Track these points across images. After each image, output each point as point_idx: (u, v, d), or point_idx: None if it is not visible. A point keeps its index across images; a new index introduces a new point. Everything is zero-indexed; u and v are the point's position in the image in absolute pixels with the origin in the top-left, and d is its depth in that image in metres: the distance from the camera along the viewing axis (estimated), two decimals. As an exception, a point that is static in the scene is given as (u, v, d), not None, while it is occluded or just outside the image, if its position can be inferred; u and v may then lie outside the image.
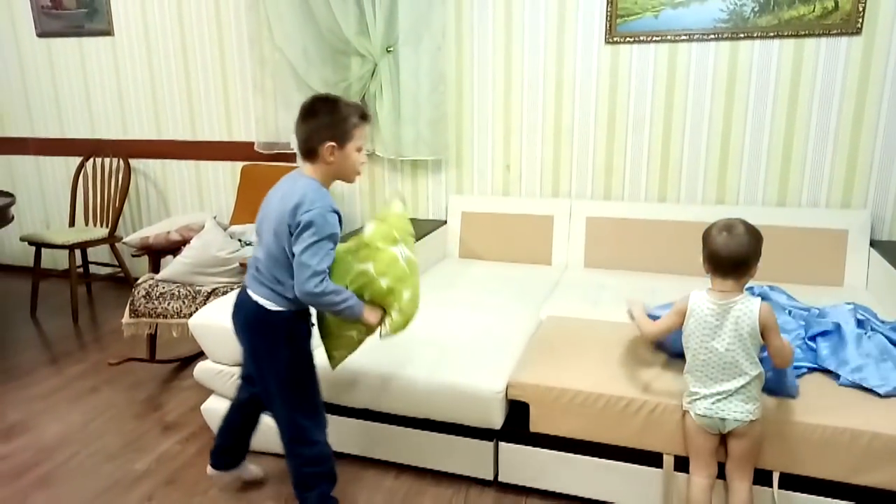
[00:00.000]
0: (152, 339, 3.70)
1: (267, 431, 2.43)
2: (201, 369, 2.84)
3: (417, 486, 2.54)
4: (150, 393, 3.42)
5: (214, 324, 2.76)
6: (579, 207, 3.86)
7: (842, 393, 2.24)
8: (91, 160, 4.92)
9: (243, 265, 3.48)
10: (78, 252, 4.69)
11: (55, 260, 5.26)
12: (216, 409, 2.84)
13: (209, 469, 2.47)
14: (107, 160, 4.86)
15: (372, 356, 2.53)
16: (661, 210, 3.72)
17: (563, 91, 3.85)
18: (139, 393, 3.41)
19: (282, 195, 2.04)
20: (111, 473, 2.69)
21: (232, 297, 2.29)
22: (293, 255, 1.97)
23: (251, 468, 2.55)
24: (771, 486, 2.14)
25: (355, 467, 2.65)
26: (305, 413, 2.16)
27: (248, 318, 2.14)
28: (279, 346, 2.10)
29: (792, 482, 2.15)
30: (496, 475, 2.51)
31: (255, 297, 2.10)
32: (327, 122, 2.02)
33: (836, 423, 2.08)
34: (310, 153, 2.05)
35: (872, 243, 3.43)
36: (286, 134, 4.42)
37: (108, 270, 5.17)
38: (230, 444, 2.45)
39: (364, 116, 2.08)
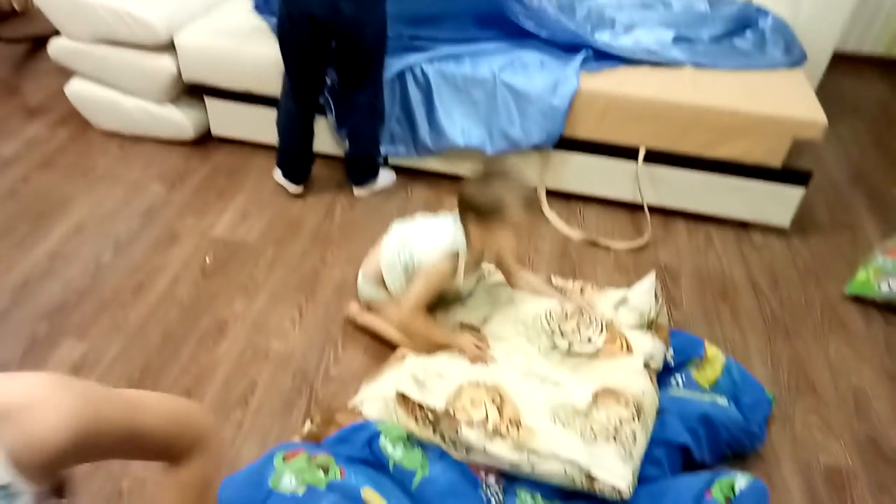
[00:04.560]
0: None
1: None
2: (58, 48, 2.53)
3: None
4: (4, 75, 3.07)
5: (59, -9, 2.39)
6: None
7: (707, 76, 2.36)
8: None
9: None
10: None
11: None
12: (80, 92, 2.63)
13: (292, 187, 2.43)
14: None
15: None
16: None
17: None
18: (-9, 76, 3.07)
19: None
20: (-24, 158, 2.54)
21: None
22: None
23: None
24: (636, 160, 2.34)
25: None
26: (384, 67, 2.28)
27: None
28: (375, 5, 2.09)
29: (655, 157, 2.35)
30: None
31: None
32: None
33: (703, 102, 2.22)
34: None
35: None
36: None
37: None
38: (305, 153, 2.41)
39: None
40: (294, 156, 2.38)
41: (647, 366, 1.60)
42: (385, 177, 2.50)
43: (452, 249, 1.67)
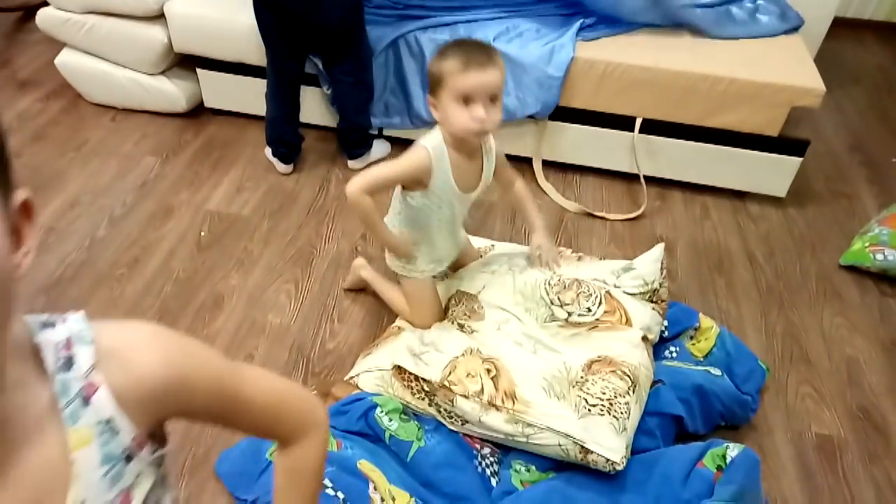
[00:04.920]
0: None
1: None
2: (45, 17, 2.49)
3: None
4: (-8, 47, 3.03)
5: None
6: None
7: (704, 44, 2.33)
8: None
9: None
10: None
11: None
12: (72, 62, 2.58)
13: (281, 167, 2.39)
14: None
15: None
16: None
17: None
18: (-21, 47, 3.02)
19: None
20: (-32, 132, 2.51)
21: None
22: None
23: None
24: (633, 131, 2.32)
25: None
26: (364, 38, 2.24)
27: None
28: None
29: (651, 128, 2.33)
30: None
31: None
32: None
33: (700, 70, 2.19)
34: None
35: None
36: None
37: None
38: (292, 130, 2.37)
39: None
40: (281, 131, 2.35)
41: (644, 339, 1.61)
42: (379, 148, 2.48)
43: (424, 139, 1.52)
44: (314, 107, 2.50)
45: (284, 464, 0.79)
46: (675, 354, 1.72)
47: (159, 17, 2.42)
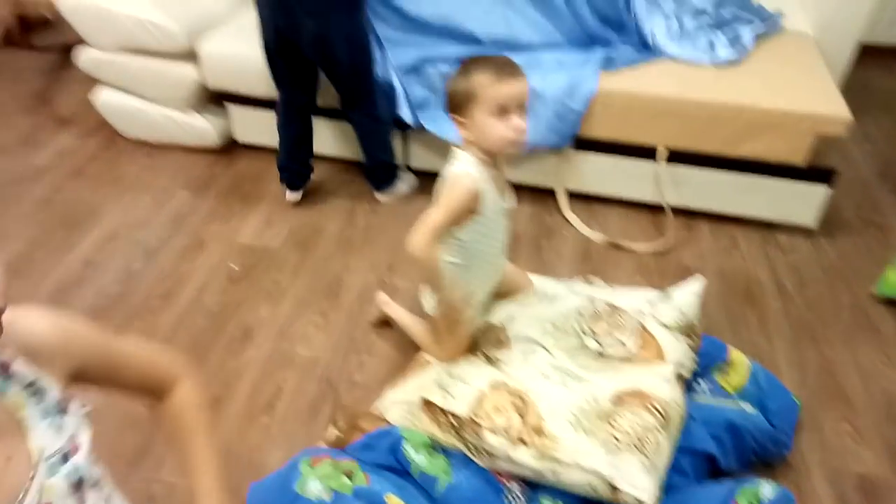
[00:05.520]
0: (23, 23, 3.27)
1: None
2: (84, 57, 2.59)
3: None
4: (35, 86, 3.15)
5: (89, 3, 2.44)
6: None
7: (727, 73, 2.33)
8: None
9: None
10: None
11: None
12: (110, 101, 2.68)
13: (288, 194, 2.44)
14: None
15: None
16: None
17: None
18: (23, 86, 3.14)
19: None
20: (10, 169, 2.61)
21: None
22: None
23: None
24: (657, 160, 2.32)
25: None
26: (374, 78, 2.25)
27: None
28: (361, 11, 2.07)
29: (676, 157, 2.33)
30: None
31: None
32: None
33: (723, 99, 2.20)
34: None
35: None
36: None
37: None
38: (301, 158, 2.41)
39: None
40: (287, 159, 2.40)
41: (678, 376, 1.59)
42: (405, 181, 2.51)
43: (457, 166, 1.49)
44: (337, 139, 2.55)
45: (168, 412, 0.94)
46: (707, 390, 1.69)
47: (191, 55, 2.50)
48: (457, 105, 1.45)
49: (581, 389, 1.54)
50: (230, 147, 2.75)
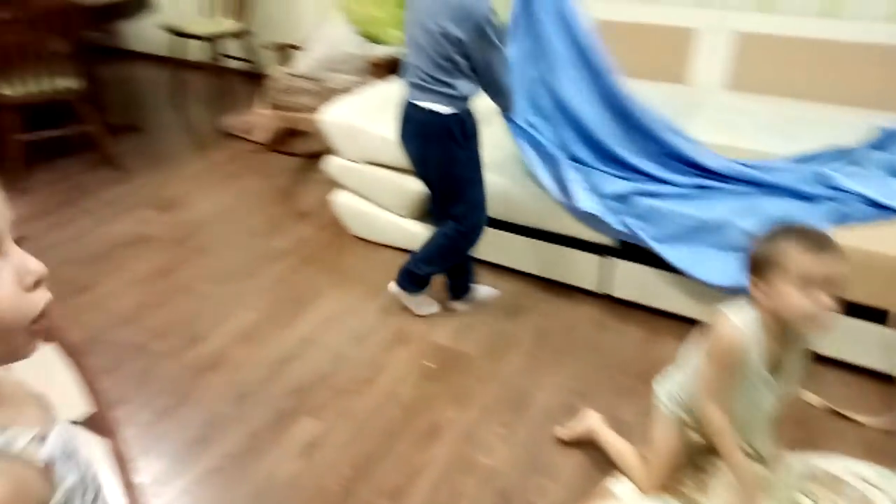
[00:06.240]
0: (287, 131, 3.92)
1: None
2: (331, 164, 3.02)
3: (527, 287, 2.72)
4: (285, 182, 3.71)
5: (343, 122, 2.88)
6: (729, 19, 3.46)
7: None
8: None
9: (373, 64, 3.49)
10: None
11: (184, 49, 5.39)
12: (342, 202, 3.07)
13: (452, 304, 2.61)
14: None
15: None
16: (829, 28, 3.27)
17: None
18: (275, 181, 3.71)
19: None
20: (256, 247, 3.05)
21: (360, 95, 2.34)
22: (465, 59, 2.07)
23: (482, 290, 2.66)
24: (886, 325, 2.11)
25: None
26: (482, 205, 2.39)
27: (423, 126, 2.23)
28: (459, 145, 2.22)
29: (916, 325, 2.09)
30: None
31: (425, 104, 2.17)
32: None
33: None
34: None
35: None
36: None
37: (237, 64, 5.32)
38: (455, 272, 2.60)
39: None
40: (449, 273, 2.56)
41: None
42: (485, 290, 2.63)
43: (733, 316, 1.47)
44: (530, 255, 2.65)
45: None
46: None
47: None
48: (758, 269, 1.43)
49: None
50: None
